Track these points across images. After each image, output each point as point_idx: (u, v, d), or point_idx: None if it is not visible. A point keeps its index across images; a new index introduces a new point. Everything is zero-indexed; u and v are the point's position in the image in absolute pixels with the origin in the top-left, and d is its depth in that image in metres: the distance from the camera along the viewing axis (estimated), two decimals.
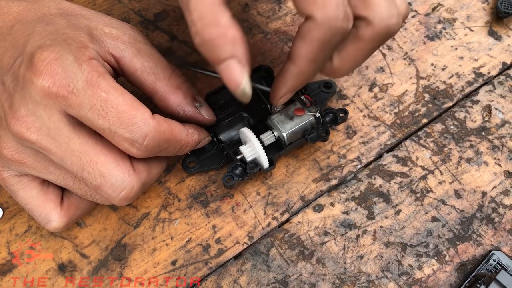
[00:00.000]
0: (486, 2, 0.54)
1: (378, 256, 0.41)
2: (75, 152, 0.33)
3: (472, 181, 0.44)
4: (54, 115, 0.32)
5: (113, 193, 0.34)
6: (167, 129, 0.35)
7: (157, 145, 0.34)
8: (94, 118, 0.32)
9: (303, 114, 0.41)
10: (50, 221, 0.37)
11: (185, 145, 0.38)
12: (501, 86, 0.49)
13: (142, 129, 0.33)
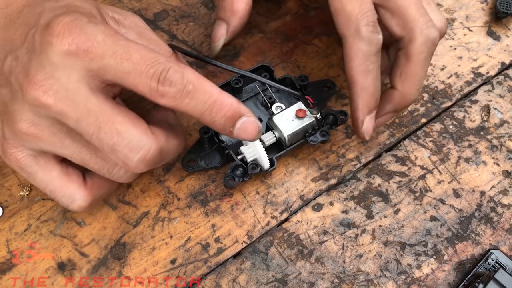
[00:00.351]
0: (485, 2, 0.54)
1: (377, 255, 0.41)
2: (92, 112, 0.32)
3: (470, 181, 0.45)
4: (73, 75, 0.32)
5: (130, 153, 0.32)
6: (193, 73, 0.33)
7: (183, 82, 0.32)
8: (118, 63, 0.31)
9: (305, 115, 0.41)
10: (74, 200, 0.36)
11: (219, 102, 0.33)
12: (500, 86, 0.49)
13: (165, 64, 0.32)
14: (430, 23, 0.39)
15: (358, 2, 0.38)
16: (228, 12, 0.43)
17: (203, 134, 0.42)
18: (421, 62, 0.40)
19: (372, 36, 0.38)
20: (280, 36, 0.51)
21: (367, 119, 0.40)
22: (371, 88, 0.40)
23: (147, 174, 0.44)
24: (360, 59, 0.39)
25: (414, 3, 0.39)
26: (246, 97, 0.45)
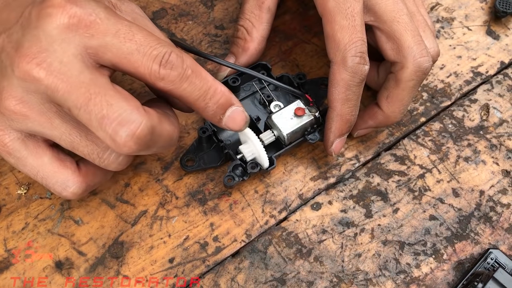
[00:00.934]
0: (484, 2, 0.54)
1: (376, 254, 0.41)
2: (84, 84, 0.31)
3: (470, 180, 0.45)
4: (70, 49, 0.31)
5: (118, 126, 0.30)
6: (191, 59, 0.33)
7: (182, 66, 0.32)
8: (121, 42, 0.31)
9: (303, 114, 0.41)
10: (68, 187, 0.35)
11: (213, 89, 0.34)
12: (499, 85, 0.49)
13: (168, 48, 0.32)
14: (424, 51, 0.39)
15: (348, 31, 0.38)
16: (240, 49, 0.45)
17: (202, 133, 0.42)
18: (409, 89, 0.40)
19: (357, 68, 0.38)
20: (279, 34, 0.51)
21: (337, 141, 0.42)
22: (347, 116, 0.40)
23: (145, 172, 0.44)
24: (341, 88, 0.39)
25: (410, 30, 0.39)
26: (244, 96, 0.45)
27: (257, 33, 0.44)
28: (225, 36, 0.50)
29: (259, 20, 0.44)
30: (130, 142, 0.31)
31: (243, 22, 0.45)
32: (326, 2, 0.38)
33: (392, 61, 0.40)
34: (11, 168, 0.43)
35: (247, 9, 0.45)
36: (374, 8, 0.39)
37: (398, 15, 0.39)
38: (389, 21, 0.39)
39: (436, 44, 0.42)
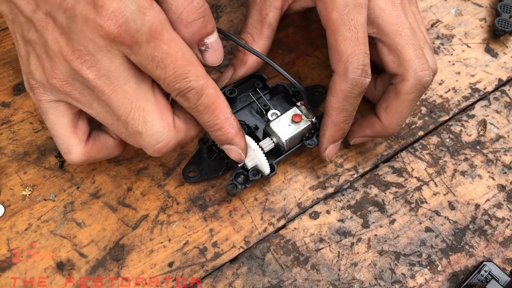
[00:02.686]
0: (484, 20, 0.55)
1: (372, 264, 0.42)
2: (128, 96, 0.34)
3: (466, 194, 0.45)
4: (116, 59, 0.33)
5: (149, 143, 0.36)
6: (212, 96, 0.36)
7: (196, 102, 0.36)
8: (153, 68, 0.33)
9: (301, 120, 0.42)
10: (69, 153, 0.38)
11: (219, 127, 0.38)
12: (496, 101, 0.50)
13: (191, 84, 0.34)
14: (425, 65, 0.40)
15: (352, 42, 0.39)
16: (238, 61, 0.46)
17: (203, 145, 0.43)
18: (408, 102, 0.41)
19: (358, 80, 0.39)
20: (282, 47, 0.52)
21: (330, 146, 0.43)
22: (341, 125, 0.42)
23: (148, 177, 0.44)
24: (339, 98, 0.40)
25: (412, 44, 0.40)
26: (241, 106, 0.46)
27: (256, 47, 0.45)
28: (230, 47, 0.52)
29: (260, 35, 0.45)
30: (155, 153, 0.37)
31: (244, 35, 0.46)
32: (330, 13, 0.39)
33: (393, 73, 0.41)
34: (17, 169, 0.44)
35: (250, 23, 0.46)
36: (377, 21, 0.40)
37: (400, 29, 0.40)
38: (391, 34, 0.40)
39: (435, 62, 0.42)
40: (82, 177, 0.44)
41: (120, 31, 0.32)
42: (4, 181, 0.44)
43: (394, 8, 0.40)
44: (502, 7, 0.54)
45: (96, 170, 0.44)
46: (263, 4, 0.45)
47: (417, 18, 0.44)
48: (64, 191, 0.43)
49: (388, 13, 0.40)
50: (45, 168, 0.44)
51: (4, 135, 0.45)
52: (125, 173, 0.45)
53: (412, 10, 0.44)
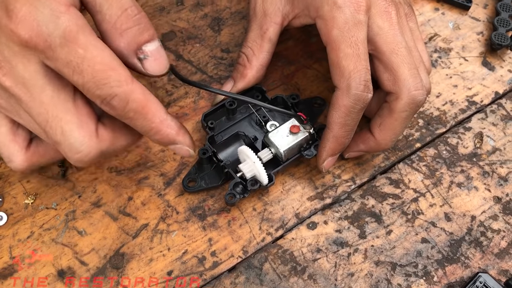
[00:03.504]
0: (481, 34, 0.56)
1: (368, 274, 0.42)
2: (44, 105, 0.33)
3: (462, 205, 0.46)
4: (31, 65, 0.32)
5: (69, 153, 0.35)
6: (140, 100, 0.34)
7: (124, 109, 0.34)
8: (70, 74, 0.32)
9: (299, 131, 0.43)
10: (12, 161, 0.38)
11: (155, 131, 0.36)
12: (493, 114, 0.51)
13: (113, 90, 0.33)
14: (419, 85, 0.40)
15: (353, 59, 0.39)
16: (239, 74, 0.47)
17: (202, 155, 0.44)
18: (402, 120, 0.42)
19: (360, 95, 0.40)
20: (282, 59, 0.53)
21: (329, 159, 0.44)
22: (342, 139, 0.42)
23: (148, 187, 0.45)
24: (342, 113, 0.41)
25: (408, 63, 0.40)
26: (241, 117, 0.47)
27: (256, 61, 0.46)
28: (230, 59, 0.52)
29: (260, 49, 0.46)
30: (79, 164, 0.36)
31: (245, 49, 0.47)
32: (331, 31, 0.40)
33: (387, 91, 0.42)
34: (20, 178, 0.45)
35: (250, 37, 0.47)
36: (374, 39, 0.41)
37: (397, 48, 0.41)
38: (387, 53, 0.41)
39: (429, 81, 0.43)
40: (84, 186, 0.45)
41: (32, 35, 0.31)
42: (7, 190, 0.44)
43: (391, 27, 0.41)
44: (498, 21, 0.55)
45: (98, 180, 0.45)
46: (263, 19, 0.46)
47: (416, 35, 0.45)
48: (66, 200, 0.44)
49: (386, 32, 0.41)
50: (47, 177, 0.45)
51: None
52: (126, 183, 0.45)
53: (410, 27, 0.45)
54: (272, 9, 0.45)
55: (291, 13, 0.45)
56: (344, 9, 0.39)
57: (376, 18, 0.41)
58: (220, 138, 0.46)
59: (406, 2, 0.46)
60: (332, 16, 0.40)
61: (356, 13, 0.39)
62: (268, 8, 0.45)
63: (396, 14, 0.41)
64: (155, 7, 0.56)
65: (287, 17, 0.45)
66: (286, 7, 0.45)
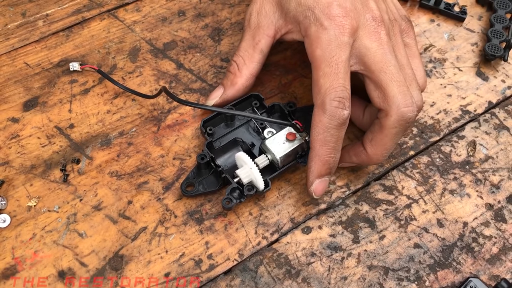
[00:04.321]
0: (476, 45, 0.57)
1: (361, 278, 0.43)
2: None
3: (454, 212, 0.47)
4: None
5: None
6: None
7: None
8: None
9: (295, 138, 0.44)
10: None
11: None
12: (486, 123, 0.52)
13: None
14: (409, 102, 0.41)
15: (331, 77, 0.41)
16: (229, 82, 0.48)
17: (200, 160, 0.45)
18: (392, 136, 0.43)
19: (335, 112, 0.41)
20: (280, 68, 0.54)
21: (316, 181, 0.43)
22: (325, 158, 0.42)
23: (147, 191, 0.47)
24: (319, 129, 0.41)
25: (397, 81, 0.41)
26: (239, 124, 0.48)
27: (246, 70, 0.48)
28: None
29: (251, 59, 0.48)
30: None
31: (236, 58, 0.48)
32: (315, 50, 0.42)
33: (378, 108, 0.43)
34: (23, 182, 0.46)
35: (243, 47, 0.48)
36: (363, 59, 0.42)
37: (385, 66, 0.42)
38: (377, 71, 0.42)
39: (421, 98, 0.43)
40: (85, 190, 0.46)
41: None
42: (11, 193, 0.46)
43: (380, 46, 0.42)
44: (492, 32, 0.56)
45: (99, 184, 0.47)
46: (257, 30, 0.47)
47: (413, 51, 0.46)
48: (68, 203, 0.46)
49: (374, 52, 0.42)
50: (50, 181, 0.47)
51: (13, 149, 0.48)
52: (126, 187, 0.47)
53: (407, 42, 0.46)
54: (265, 22, 0.47)
55: (283, 28, 0.46)
56: (329, 31, 0.41)
57: (363, 39, 0.42)
58: (218, 144, 0.47)
59: (404, 18, 0.47)
60: (318, 36, 0.41)
61: (340, 35, 0.41)
62: (262, 20, 0.47)
63: (386, 34, 0.43)
64: (157, 18, 0.57)
65: (280, 31, 0.47)
66: (279, 21, 0.46)
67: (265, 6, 0.47)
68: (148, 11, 0.58)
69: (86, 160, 0.48)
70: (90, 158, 0.48)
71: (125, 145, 0.49)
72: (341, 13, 0.41)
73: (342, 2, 0.41)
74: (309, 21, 0.42)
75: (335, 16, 0.41)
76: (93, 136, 0.49)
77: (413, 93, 0.43)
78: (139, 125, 0.50)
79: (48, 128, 0.49)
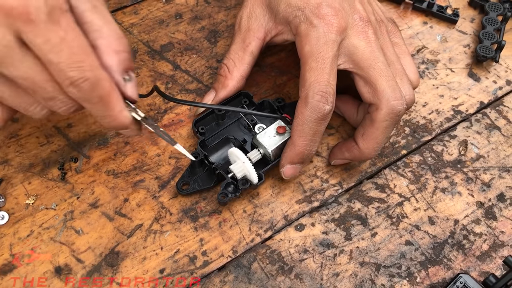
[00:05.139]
0: (468, 47, 0.58)
1: (353, 274, 0.44)
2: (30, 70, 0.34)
3: (445, 209, 0.47)
4: (9, 35, 0.32)
5: None
6: (107, 88, 0.36)
7: (90, 93, 0.36)
8: (46, 51, 0.33)
9: (285, 131, 0.45)
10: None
11: (113, 118, 0.38)
12: (477, 123, 0.53)
13: (85, 73, 0.34)
14: (398, 95, 0.42)
15: (316, 71, 0.42)
16: (220, 85, 0.49)
17: (194, 159, 0.46)
18: (383, 129, 0.44)
19: (316, 105, 0.41)
20: (275, 70, 0.55)
21: (287, 166, 0.45)
22: (299, 148, 0.43)
23: (143, 189, 0.47)
24: (299, 121, 0.43)
25: (385, 76, 0.43)
26: (230, 122, 0.49)
27: (237, 73, 0.49)
28: None
29: (241, 61, 0.49)
30: None
31: (226, 61, 0.49)
32: (303, 47, 0.43)
33: (368, 103, 0.44)
34: (22, 180, 0.47)
35: (233, 49, 0.49)
36: (352, 56, 0.43)
37: (374, 63, 0.43)
38: (365, 68, 0.43)
39: (412, 92, 0.45)
40: (83, 188, 0.47)
41: (20, 3, 0.31)
42: (9, 191, 0.47)
43: (368, 44, 0.43)
44: (484, 34, 0.57)
45: (96, 182, 0.47)
46: (247, 33, 0.48)
47: (402, 49, 0.47)
48: (65, 200, 0.46)
49: (362, 50, 0.43)
50: (48, 179, 0.47)
51: (12, 148, 0.49)
52: (123, 185, 0.47)
53: (395, 42, 0.47)
54: (255, 25, 0.48)
55: (273, 29, 0.47)
56: (318, 28, 0.42)
57: (352, 38, 0.43)
58: (211, 142, 0.48)
59: (390, 20, 0.48)
60: (307, 34, 0.42)
61: (328, 32, 0.42)
62: (252, 24, 0.48)
63: (374, 33, 0.44)
64: (154, 20, 0.58)
65: (270, 33, 0.48)
66: (269, 23, 0.47)
67: (255, 9, 0.48)
68: (146, 14, 0.59)
69: (83, 159, 0.49)
70: (88, 157, 0.49)
71: (122, 144, 0.49)
72: (330, 12, 0.42)
73: (331, 3, 0.43)
74: (299, 20, 0.43)
75: (324, 15, 0.42)
76: (91, 135, 0.50)
77: (404, 87, 0.44)
78: None
79: (46, 127, 0.50)
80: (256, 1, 0.48)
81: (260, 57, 0.56)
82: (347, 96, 0.49)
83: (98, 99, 0.36)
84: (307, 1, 0.43)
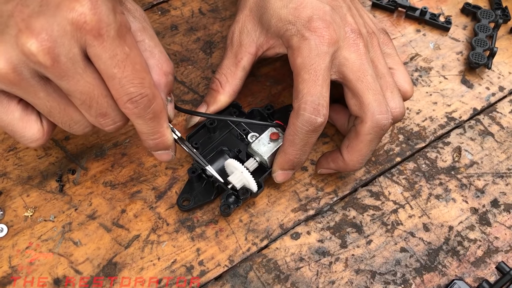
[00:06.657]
0: (460, 54, 0.59)
1: (349, 282, 0.44)
2: (89, 85, 0.35)
3: (440, 216, 0.48)
4: (75, 47, 0.34)
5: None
6: (161, 105, 0.39)
7: (146, 109, 0.38)
8: (111, 65, 0.35)
9: (278, 137, 0.46)
10: (34, 141, 0.40)
11: (160, 135, 0.41)
12: (471, 130, 0.53)
13: (144, 90, 0.37)
14: (383, 109, 0.43)
15: (309, 83, 0.42)
16: (212, 99, 0.50)
17: (192, 173, 0.46)
18: (367, 142, 0.44)
19: (308, 118, 0.42)
20: (270, 79, 0.56)
21: (278, 171, 0.46)
22: (290, 156, 0.44)
23: (141, 200, 0.48)
24: (291, 130, 0.43)
25: (372, 89, 0.43)
26: (222, 134, 0.50)
27: (229, 88, 0.49)
28: None
29: (233, 76, 0.49)
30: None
31: (218, 76, 0.50)
32: (296, 59, 0.43)
33: (355, 115, 0.44)
34: (20, 192, 0.48)
35: (225, 64, 0.50)
36: (342, 68, 0.44)
37: (362, 75, 0.43)
38: (354, 80, 0.43)
39: (402, 105, 0.45)
40: (80, 200, 0.48)
41: (93, 18, 0.33)
42: (8, 203, 0.47)
43: (358, 57, 0.43)
44: (476, 41, 0.57)
45: (93, 194, 0.48)
46: (239, 48, 0.49)
47: (395, 60, 0.48)
48: (63, 212, 0.47)
49: (352, 62, 0.43)
50: (46, 192, 0.48)
51: (10, 161, 0.49)
52: (120, 196, 0.48)
53: (387, 52, 0.48)
54: (247, 40, 0.49)
55: (265, 44, 0.48)
56: (310, 41, 0.42)
57: (343, 50, 0.43)
58: (206, 156, 0.48)
59: (382, 31, 0.49)
60: (299, 46, 0.43)
61: (320, 45, 0.42)
62: (244, 39, 0.49)
63: (365, 46, 0.44)
64: None
65: (262, 47, 0.48)
66: (260, 38, 0.48)
67: (246, 25, 0.49)
68: None
69: (81, 170, 0.49)
70: (85, 168, 0.49)
71: (119, 156, 0.50)
72: (321, 25, 0.43)
73: (322, 16, 0.43)
74: (290, 33, 0.44)
75: (316, 28, 0.43)
76: (88, 147, 0.51)
77: (394, 100, 0.44)
78: (133, 136, 0.51)
79: None
80: (247, 16, 0.49)
81: (255, 67, 0.57)
82: (340, 105, 0.50)
83: (152, 115, 0.38)
84: (298, 15, 0.44)
